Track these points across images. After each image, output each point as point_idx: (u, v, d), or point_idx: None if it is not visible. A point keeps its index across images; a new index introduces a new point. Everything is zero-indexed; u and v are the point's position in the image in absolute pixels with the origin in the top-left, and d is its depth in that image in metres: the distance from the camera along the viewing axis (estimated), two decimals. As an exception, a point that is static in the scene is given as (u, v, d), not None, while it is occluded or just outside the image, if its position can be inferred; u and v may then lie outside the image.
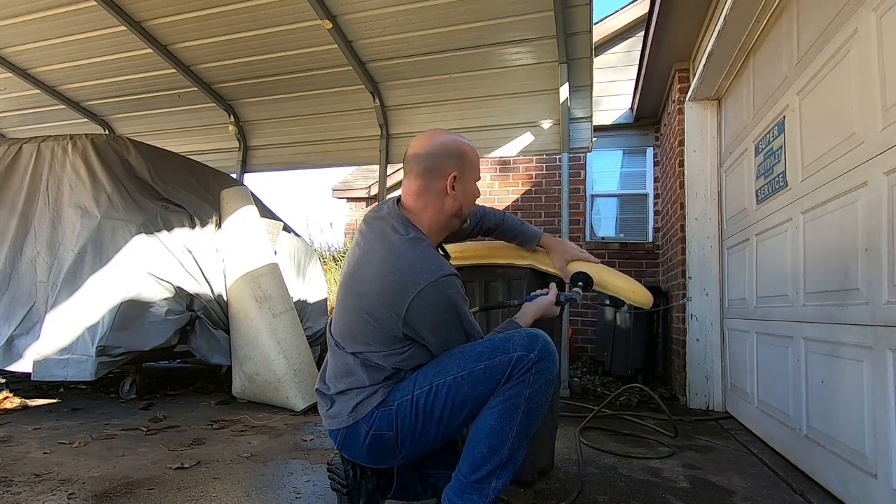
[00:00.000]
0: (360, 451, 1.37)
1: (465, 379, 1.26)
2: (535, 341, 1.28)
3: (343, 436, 1.36)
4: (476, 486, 1.27)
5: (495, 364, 1.26)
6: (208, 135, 5.51)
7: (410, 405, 1.29)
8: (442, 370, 1.30)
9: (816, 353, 2.11)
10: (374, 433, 1.32)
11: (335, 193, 10.81)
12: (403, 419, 1.30)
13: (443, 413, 1.28)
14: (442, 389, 1.27)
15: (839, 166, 1.94)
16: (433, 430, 1.30)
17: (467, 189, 1.44)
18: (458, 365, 1.28)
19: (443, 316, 1.29)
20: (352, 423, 1.33)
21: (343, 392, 1.38)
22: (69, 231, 3.25)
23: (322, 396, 1.44)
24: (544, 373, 1.27)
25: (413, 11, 3.72)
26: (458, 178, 1.40)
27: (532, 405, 1.26)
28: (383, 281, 1.29)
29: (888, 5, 1.66)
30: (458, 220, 1.47)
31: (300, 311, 4.24)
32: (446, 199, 1.41)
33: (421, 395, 1.29)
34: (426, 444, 1.34)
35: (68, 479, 1.86)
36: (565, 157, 4.18)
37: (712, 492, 1.96)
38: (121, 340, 2.98)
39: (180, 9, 3.84)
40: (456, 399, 1.27)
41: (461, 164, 1.41)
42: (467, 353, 1.30)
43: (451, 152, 1.41)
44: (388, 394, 1.32)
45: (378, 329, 1.31)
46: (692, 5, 3.35)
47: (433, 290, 1.26)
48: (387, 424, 1.31)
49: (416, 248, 1.33)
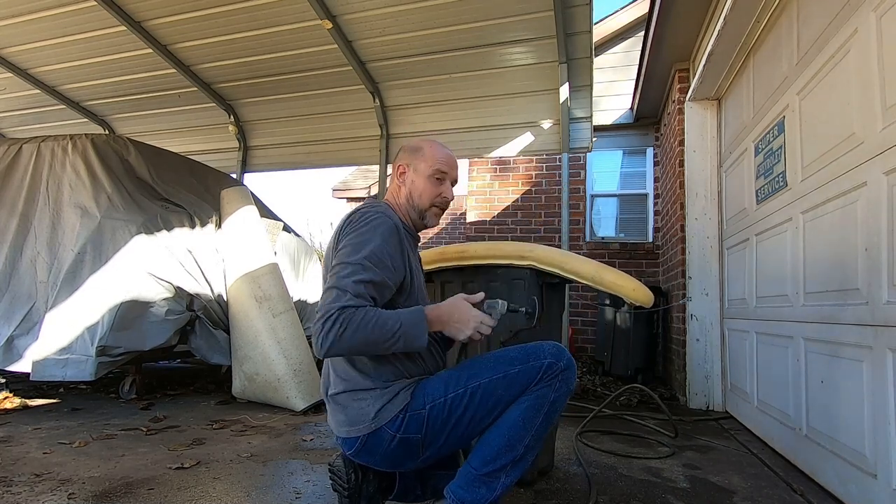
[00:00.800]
0: (380, 457, 1.35)
1: (500, 381, 1.31)
2: (563, 352, 1.36)
3: (363, 442, 1.33)
4: (485, 479, 1.29)
5: (529, 368, 1.32)
6: (208, 135, 5.52)
7: (444, 408, 1.31)
8: (475, 374, 1.33)
9: (816, 353, 2.11)
10: (402, 436, 1.31)
11: (335, 193, 10.81)
12: (435, 421, 1.31)
13: (475, 414, 1.31)
14: (477, 392, 1.31)
15: (839, 166, 1.94)
16: (461, 431, 1.33)
17: (416, 181, 1.50)
18: (491, 369, 1.33)
19: (359, 227, 1.34)
20: (374, 428, 1.31)
21: (351, 393, 1.34)
22: (69, 231, 3.25)
23: (333, 404, 1.39)
24: (568, 382, 1.34)
25: (413, 11, 3.72)
26: (407, 169, 1.51)
27: (552, 409, 1.32)
28: (335, 229, 1.42)
29: (888, 5, 1.66)
30: (415, 212, 1.51)
31: (300, 311, 4.24)
32: (400, 189, 1.53)
33: (455, 398, 1.31)
34: (451, 445, 1.36)
35: (68, 479, 1.87)
36: (565, 157, 4.18)
37: (712, 492, 1.96)
38: (121, 340, 2.98)
39: (180, 9, 3.84)
40: (490, 400, 1.31)
41: (412, 157, 1.52)
42: (501, 358, 1.36)
43: (408, 148, 1.55)
44: (411, 396, 1.32)
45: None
46: (692, 5, 3.35)
47: (362, 212, 1.37)
48: (416, 428, 1.31)
49: (369, 202, 1.47)
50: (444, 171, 1.50)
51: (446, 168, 1.50)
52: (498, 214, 5.96)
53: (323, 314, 1.20)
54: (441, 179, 1.50)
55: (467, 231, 6.06)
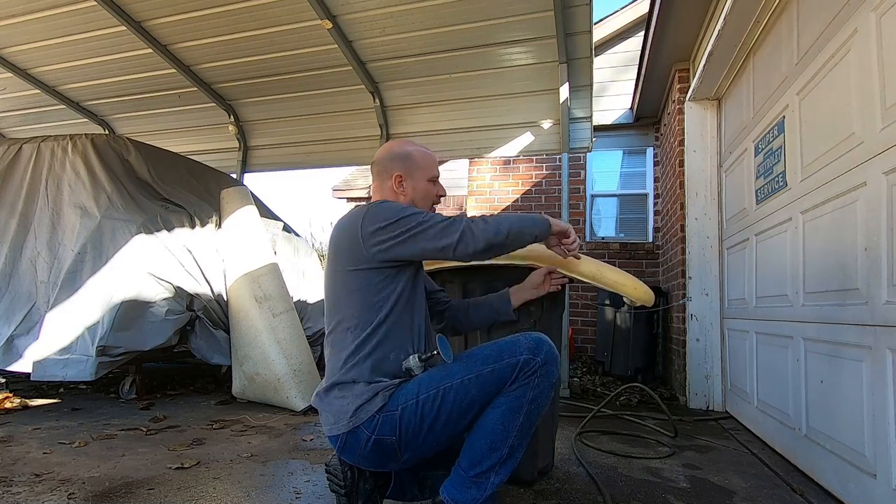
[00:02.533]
0: (360, 456, 1.37)
1: (472, 382, 1.31)
2: (540, 346, 1.32)
3: (343, 441, 1.36)
4: (475, 481, 1.30)
5: (502, 367, 1.30)
6: (208, 135, 5.51)
7: (416, 409, 1.31)
8: (448, 374, 1.33)
9: (816, 353, 2.11)
10: (377, 437, 1.32)
11: (335, 193, 10.80)
12: (408, 423, 1.31)
13: (449, 416, 1.31)
14: (449, 393, 1.30)
15: (839, 166, 1.94)
16: (437, 433, 1.32)
17: (417, 187, 1.56)
18: (464, 369, 1.33)
19: (388, 214, 1.39)
20: (352, 427, 1.33)
21: (338, 387, 1.38)
22: (69, 231, 3.25)
23: (319, 402, 1.45)
24: (547, 376, 1.32)
25: (413, 11, 3.72)
26: (405, 176, 1.55)
27: (534, 406, 1.31)
28: (340, 226, 1.46)
29: (888, 5, 1.66)
30: None
31: (300, 311, 4.24)
32: (399, 197, 1.55)
33: (427, 399, 1.31)
34: (429, 447, 1.35)
35: (68, 479, 1.87)
36: (565, 157, 4.18)
37: (712, 492, 1.97)
38: (121, 340, 2.98)
39: (180, 9, 3.84)
40: (463, 401, 1.30)
41: (405, 165, 1.56)
42: (474, 356, 1.35)
43: (395, 156, 1.57)
44: (388, 398, 1.33)
45: (346, 268, 1.41)
46: (692, 5, 3.35)
47: (377, 204, 1.42)
48: (390, 429, 1.31)
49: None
50: (437, 175, 1.62)
51: (437, 171, 1.62)
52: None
53: (445, 226, 1.36)
54: (435, 181, 1.61)
55: (467, 231, 6.05)
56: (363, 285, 1.39)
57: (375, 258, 1.37)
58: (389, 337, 1.38)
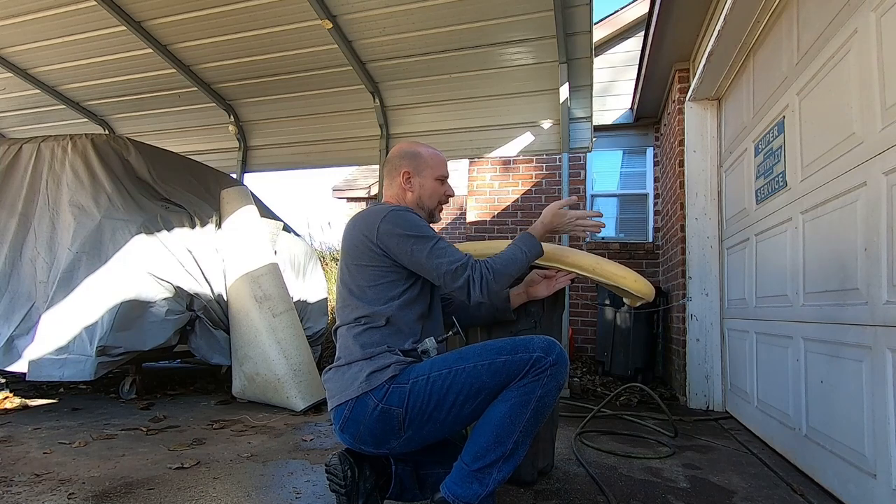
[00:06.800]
0: (364, 427, 1.38)
1: (484, 368, 1.34)
2: (553, 347, 1.36)
3: (350, 409, 1.38)
4: (477, 475, 1.31)
5: (515, 360, 1.33)
6: (208, 135, 5.51)
7: (426, 384, 1.34)
8: (462, 358, 1.37)
9: (816, 353, 2.11)
10: (384, 407, 1.34)
11: (335, 193, 10.80)
12: (416, 397, 1.34)
13: (457, 397, 1.33)
14: (461, 374, 1.34)
15: (839, 166, 1.94)
16: (443, 413, 1.34)
17: (425, 185, 1.63)
18: (479, 355, 1.36)
19: (405, 228, 1.44)
20: (361, 392, 1.36)
21: (349, 364, 1.43)
22: (69, 231, 3.24)
23: (329, 378, 1.49)
24: (557, 377, 1.34)
25: (413, 11, 3.72)
26: (412, 174, 1.62)
27: (541, 404, 1.33)
28: (354, 226, 1.52)
29: (888, 5, 1.66)
30: (424, 212, 1.65)
31: (300, 311, 4.24)
32: (406, 193, 1.63)
33: (438, 377, 1.35)
34: (432, 429, 1.37)
35: (68, 479, 1.87)
36: (565, 157, 4.18)
37: (712, 492, 1.97)
38: (121, 340, 2.98)
39: (180, 9, 3.84)
40: (473, 386, 1.33)
41: (414, 163, 1.63)
42: (489, 346, 1.39)
43: (405, 154, 1.65)
44: (401, 371, 1.37)
45: (359, 262, 1.48)
46: (692, 5, 3.35)
47: (395, 213, 1.47)
48: (398, 400, 1.34)
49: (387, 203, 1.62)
50: (446, 174, 1.67)
51: (447, 171, 1.68)
52: (498, 214, 5.96)
53: (458, 267, 1.40)
54: (443, 181, 1.67)
55: (468, 231, 6.07)
56: (376, 279, 1.46)
57: (384, 257, 1.46)
58: (402, 328, 1.46)
